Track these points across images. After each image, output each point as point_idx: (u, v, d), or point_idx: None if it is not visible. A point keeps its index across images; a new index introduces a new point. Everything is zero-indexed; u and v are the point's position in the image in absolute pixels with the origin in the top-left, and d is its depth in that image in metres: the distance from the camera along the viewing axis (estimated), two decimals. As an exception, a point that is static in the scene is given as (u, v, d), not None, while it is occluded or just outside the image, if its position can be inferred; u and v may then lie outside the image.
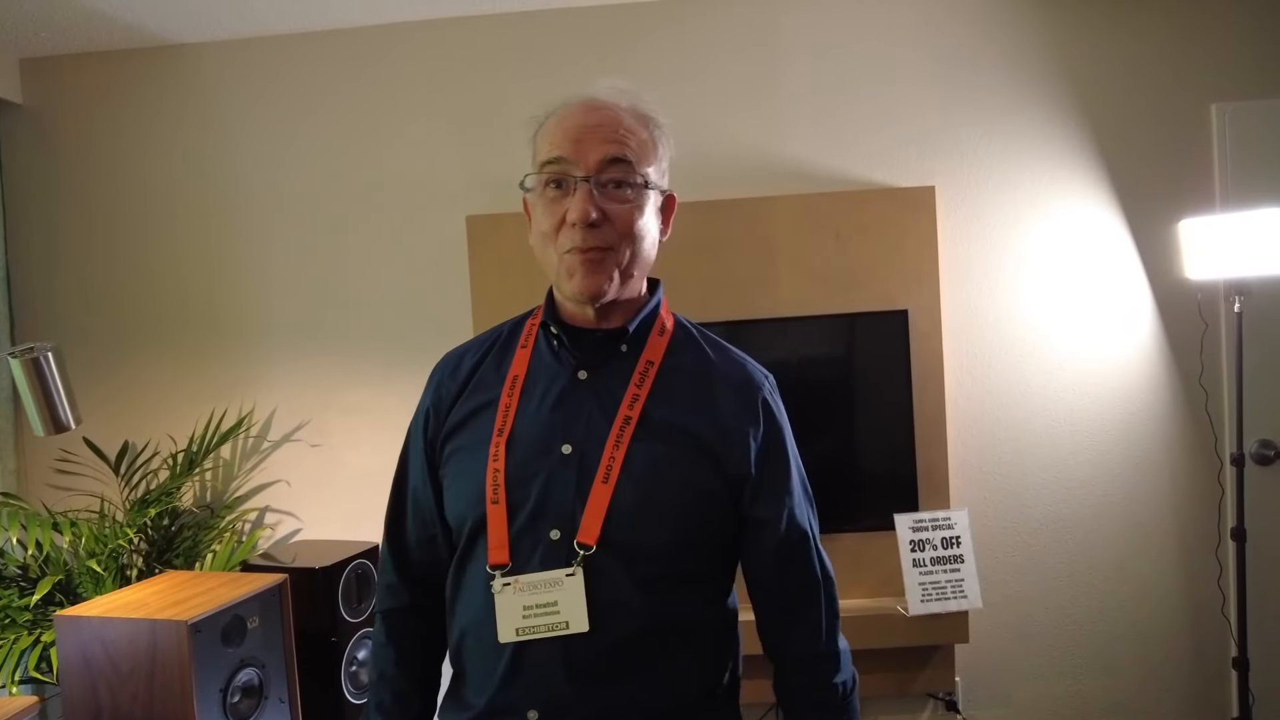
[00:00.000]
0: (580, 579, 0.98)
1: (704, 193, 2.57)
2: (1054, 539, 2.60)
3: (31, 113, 2.84)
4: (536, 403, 1.06)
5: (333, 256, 2.77)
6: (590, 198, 0.99)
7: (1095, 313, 2.59)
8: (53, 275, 2.84)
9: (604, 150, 1.00)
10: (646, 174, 1.03)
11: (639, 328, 1.08)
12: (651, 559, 1.00)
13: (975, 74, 2.60)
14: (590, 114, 1.03)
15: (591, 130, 1.01)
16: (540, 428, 1.04)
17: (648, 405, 1.04)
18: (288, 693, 1.99)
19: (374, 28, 2.73)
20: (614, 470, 1.00)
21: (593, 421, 1.03)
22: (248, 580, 1.97)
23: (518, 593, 0.99)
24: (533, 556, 1.00)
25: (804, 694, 1.09)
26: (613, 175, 1.01)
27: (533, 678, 1.00)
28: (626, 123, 1.04)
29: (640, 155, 1.03)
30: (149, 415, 2.77)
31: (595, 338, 1.07)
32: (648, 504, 1.00)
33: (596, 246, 1.00)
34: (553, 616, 0.98)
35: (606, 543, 0.99)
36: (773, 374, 1.16)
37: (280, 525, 2.80)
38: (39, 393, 1.64)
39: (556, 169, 1.01)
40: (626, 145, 1.02)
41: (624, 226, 1.01)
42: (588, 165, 1.00)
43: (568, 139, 1.01)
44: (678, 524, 1.01)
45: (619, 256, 1.02)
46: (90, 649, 1.76)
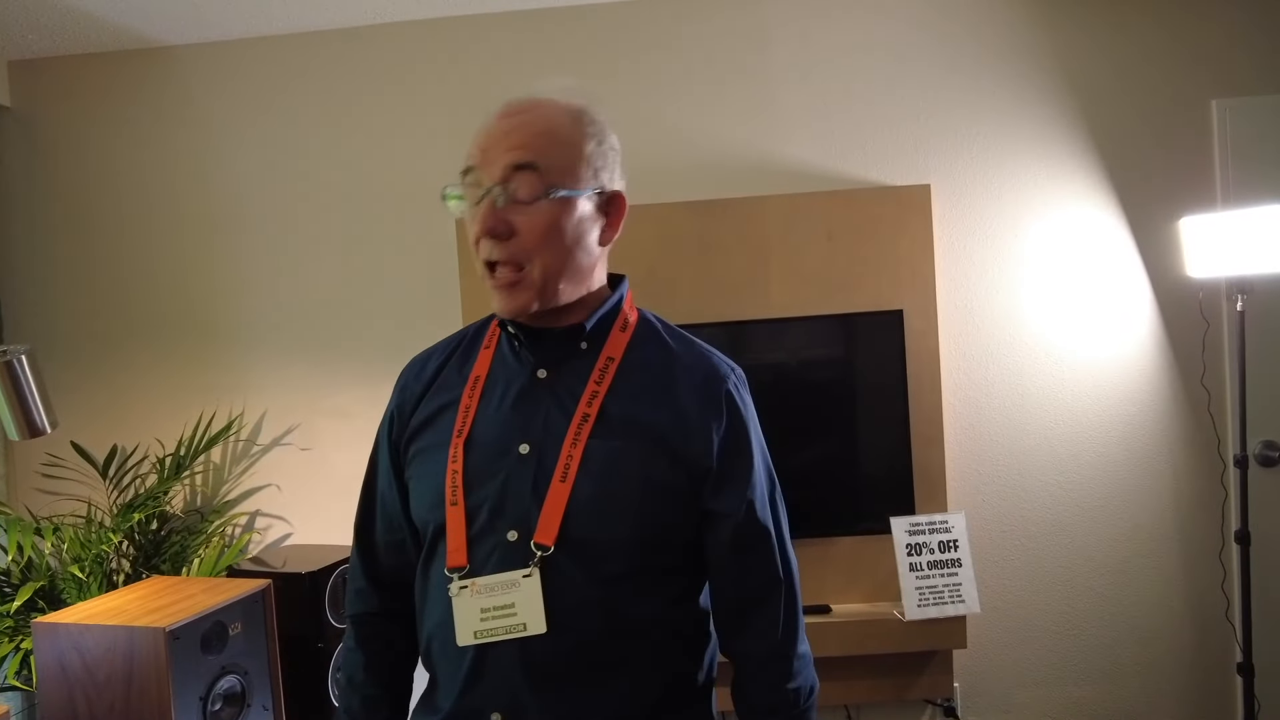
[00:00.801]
0: (536, 580, 0.96)
1: (695, 193, 2.55)
2: (1053, 542, 2.56)
3: (20, 115, 2.83)
4: (496, 403, 1.04)
5: (322, 259, 2.74)
6: (491, 210, 0.95)
7: (1095, 312, 2.55)
8: (41, 278, 2.83)
9: (509, 158, 0.95)
10: (561, 182, 0.96)
11: (598, 324, 1.05)
12: (611, 557, 0.98)
13: (970, 71, 2.57)
14: (504, 120, 0.98)
15: (500, 138, 0.96)
16: (499, 428, 1.02)
17: (607, 402, 1.01)
18: (272, 700, 1.96)
19: (362, 28, 2.71)
20: (571, 468, 0.98)
21: (551, 420, 1.01)
22: (231, 586, 1.94)
23: (475, 595, 0.97)
24: (490, 558, 0.98)
25: (756, 696, 1.06)
26: (517, 184, 0.95)
27: (494, 681, 0.98)
28: (543, 127, 0.97)
29: (555, 161, 0.96)
30: (138, 419, 2.76)
31: (554, 336, 1.04)
32: (606, 501, 0.98)
33: (505, 261, 0.96)
34: (510, 619, 0.96)
35: (565, 542, 0.96)
36: (766, 375, 1.13)
37: (271, 529, 2.77)
38: (12, 396, 1.61)
39: (470, 179, 0.98)
40: (537, 152, 0.95)
41: (533, 238, 0.96)
42: (493, 175, 0.95)
43: (478, 147, 0.97)
44: (638, 521, 0.98)
45: (532, 272, 0.97)
46: (67, 657, 1.73)
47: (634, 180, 1.09)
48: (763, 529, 1.04)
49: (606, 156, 1.02)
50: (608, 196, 1.03)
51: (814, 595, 2.44)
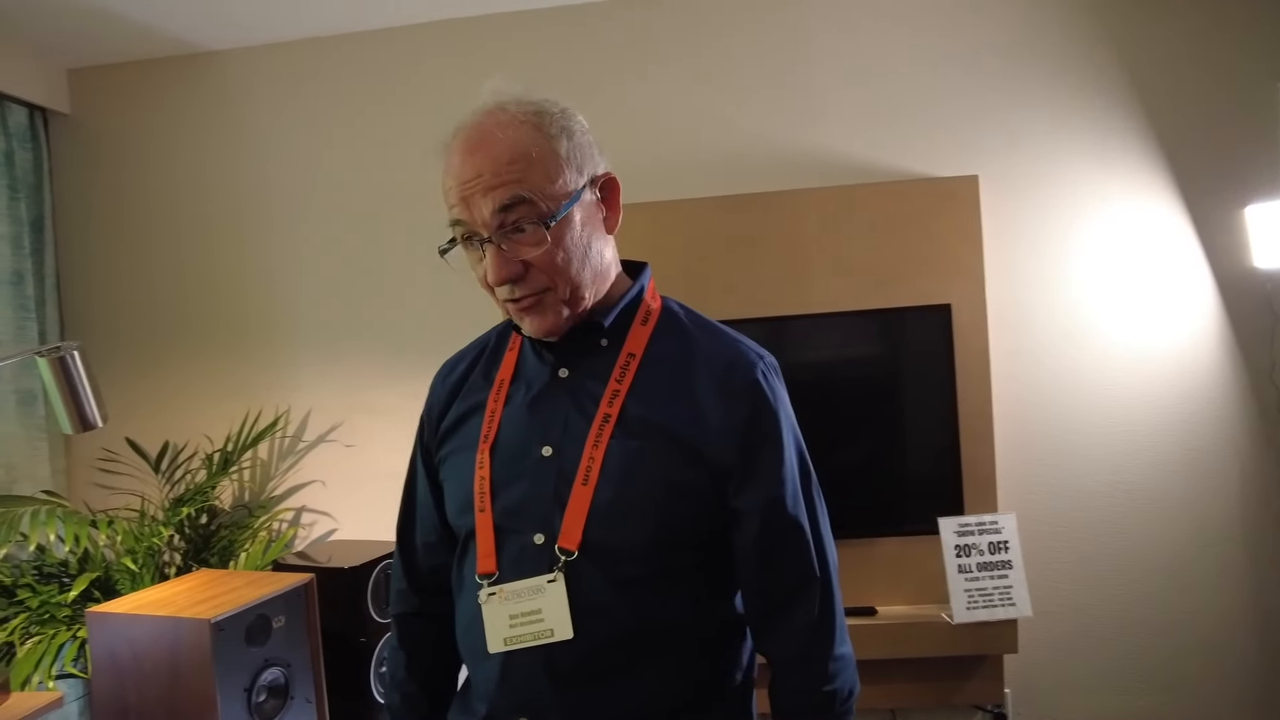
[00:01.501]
0: (561, 585, 0.94)
1: (734, 187, 2.52)
2: (1109, 545, 2.46)
3: (78, 122, 2.92)
4: (519, 405, 1.03)
5: (364, 259, 2.78)
6: (500, 257, 0.93)
7: (1153, 306, 2.45)
8: (99, 279, 2.92)
9: (493, 200, 0.91)
10: (554, 202, 0.93)
11: (617, 320, 1.02)
12: (633, 560, 0.96)
13: (1018, 55, 2.48)
14: (469, 162, 0.93)
15: (472, 184, 0.92)
16: (521, 431, 1.01)
17: (627, 401, 0.98)
18: (314, 693, 1.98)
19: (401, 29, 2.74)
20: (593, 471, 0.96)
21: (571, 421, 0.99)
22: (274, 580, 1.97)
23: (503, 602, 0.96)
24: (517, 563, 0.97)
25: (789, 699, 1.02)
26: (513, 221, 0.92)
27: (518, 684, 0.97)
28: (509, 153, 0.92)
29: (538, 183, 0.92)
30: (188, 416, 2.82)
31: (572, 335, 1.01)
32: (628, 504, 0.95)
33: (529, 294, 0.95)
34: (538, 625, 0.95)
35: (588, 546, 0.95)
36: (808, 372, 1.10)
37: (316, 525, 2.81)
38: (65, 391, 1.66)
39: (462, 230, 0.96)
40: (516, 183, 0.91)
41: (548, 267, 0.94)
42: (485, 224, 0.92)
43: (459, 199, 0.94)
44: (660, 523, 0.96)
45: (557, 294, 0.96)
46: (117, 646, 1.77)
47: (668, 175, 1.07)
48: (794, 523, 1.00)
49: (582, 147, 0.98)
50: (600, 183, 1.00)
51: (859, 597, 2.39)
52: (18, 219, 2.74)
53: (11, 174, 2.73)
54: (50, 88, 2.86)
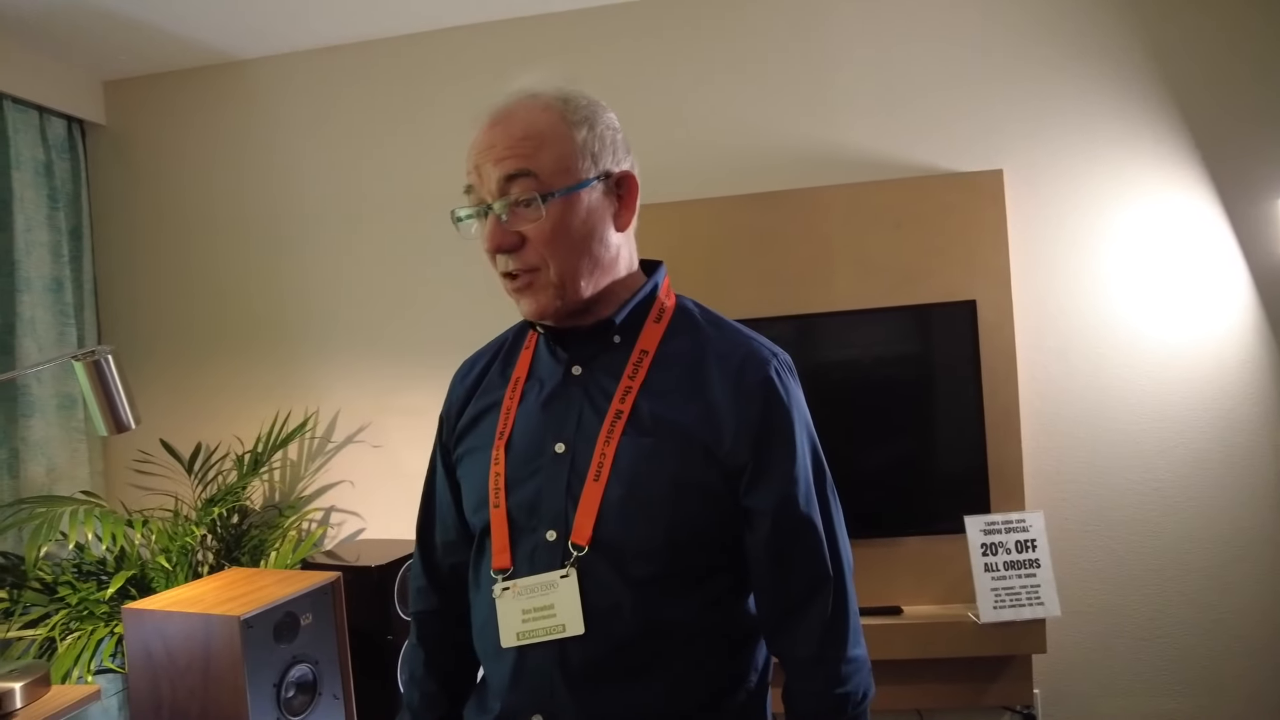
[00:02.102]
0: (574, 581, 0.95)
1: (757, 185, 2.51)
2: (1141, 544, 2.42)
3: (114, 132, 3.00)
4: (533, 403, 1.05)
5: (390, 263, 2.82)
6: (497, 226, 0.96)
7: (1185, 300, 2.39)
8: (135, 285, 2.99)
9: (500, 170, 0.95)
10: (558, 181, 0.95)
11: (629, 317, 1.03)
12: (643, 558, 0.96)
13: (1043, 47, 2.44)
14: (489, 131, 0.98)
15: (486, 151, 0.96)
16: (535, 428, 1.03)
17: (640, 397, 0.99)
18: (342, 689, 2.01)
19: (429, 33, 2.77)
20: (605, 468, 0.96)
21: (584, 418, 1.00)
22: (301, 578, 2.00)
23: (516, 597, 0.97)
24: (530, 559, 0.99)
25: (802, 701, 1.01)
26: (516, 194, 0.95)
27: (533, 682, 0.98)
28: (524, 130, 0.96)
29: (546, 162, 0.95)
30: (220, 417, 2.88)
31: (585, 331, 1.03)
32: (637, 502, 0.96)
33: (521, 270, 0.96)
34: (550, 620, 0.95)
35: (598, 543, 0.95)
36: (832, 369, 1.10)
37: (345, 524, 2.86)
38: (100, 394, 1.70)
39: (473, 197, 0.99)
40: (525, 157, 0.95)
41: (543, 244, 0.95)
42: (490, 191, 0.96)
43: (472, 164, 0.98)
44: (669, 523, 0.96)
45: (548, 274, 0.96)
46: (152, 642, 1.82)
47: (690, 173, 1.08)
48: (807, 522, 0.99)
49: (603, 139, 1.00)
50: (615, 179, 1.01)
51: (884, 596, 2.37)
52: (57, 228, 2.82)
53: (51, 184, 2.81)
54: (87, 100, 2.94)
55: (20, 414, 2.63)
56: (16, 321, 2.64)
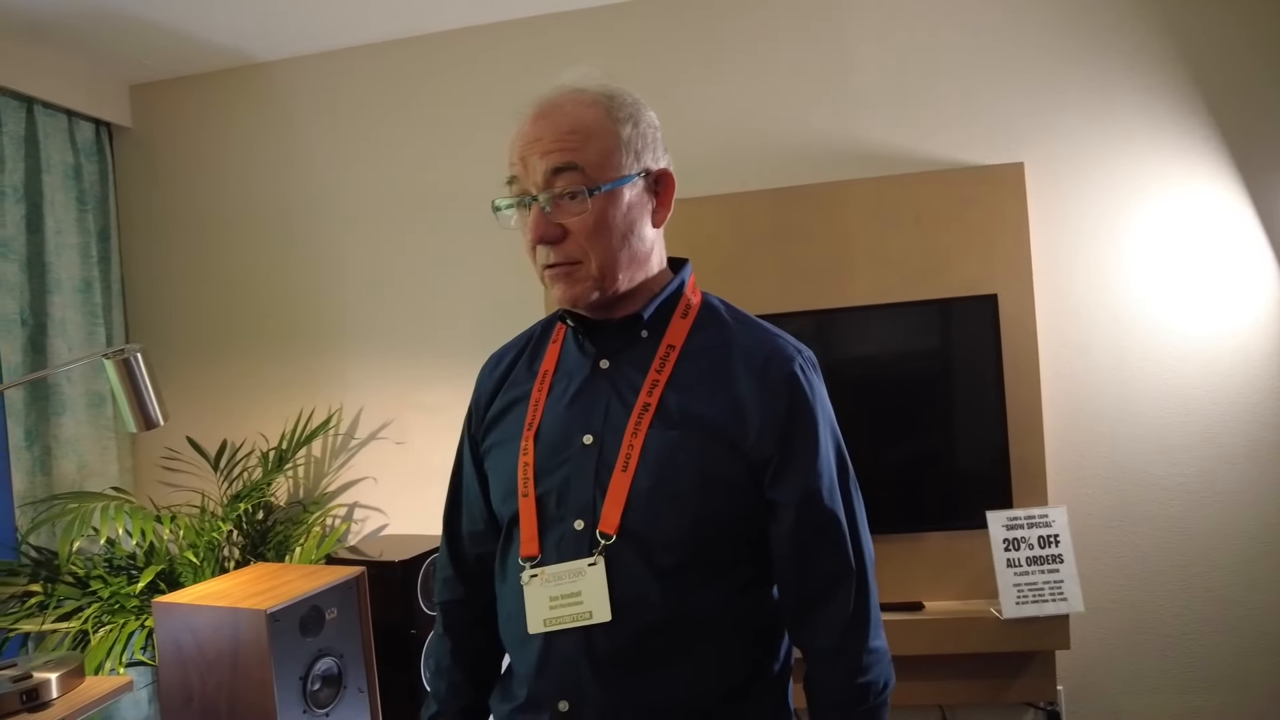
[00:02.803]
0: (601, 568, 0.97)
1: (777, 180, 2.51)
2: (1166, 540, 2.39)
3: (139, 135, 3.04)
4: (561, 395, 1.06)
5: (412, 261, 2.84)
6: (541, 217, 0.97)
7: (1210, 292, 2.36)
8: (161, 285, 3.04)
9: (547, 163, 0.97)
10: (603, 175, 0.97)
11: (657, 312, 1.05)
12: (668, 549, 0.98)
13: (1063, 38, 2.42)
14: (535, 124, 0.99)
15: (533, 144, 0.98)
16: (563, 419, 1.04)
17: (666, 391, 1.01)
18: (366, 682, 2.04)
19: (443, 34, 2.79)
20: (632, 459, 0.98)
21: (612, 410, 1.02)
22: (326, 573, 2.03)
23: (544, 584, 0.99)
24: (558, 548, 1.00)
25: (825, 693, 1.03)
26: (561, 186, 0.97)
27: (559, 669, 0.99)
28: (571, 125, 0.98)
29: (592, 156, 0.97)
30: (245, 415, 2.93)
31: (613, 326, 1.05)
32: (664, 493, 0.97)
33: (561, 262, 0.98)
34: (577, 607, 0.97)
35: (625, 532, 0.97)
36: (853, 364, 1.11)
37: (368, 520, 2.89)
38: (129, 392, 1.74)
39: (515, 188, 1.00)
40: (572, 151, 0.97)
41: (585, 237, 0.98)
42: (535, 182, 0.98)
43: (517, 156, 0.99)
44: (695, 513, 0.98)
45: (588, 267, 0.99)
46: (181, 635, 1.85)
47: (707, 170, 1.09)
48: (830, 516, 1.01)
49: (645, 137, 1.02)
50: (654, 176, 1.03)
51: (905, 592, 2.36)
52: (86, 229, 2.87)
53: (80, 186, 2.86)
54: (114, 103, 2.99)
55: (52, 412, 2.69)
56: (48, 322, 2.70)
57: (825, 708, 1.03)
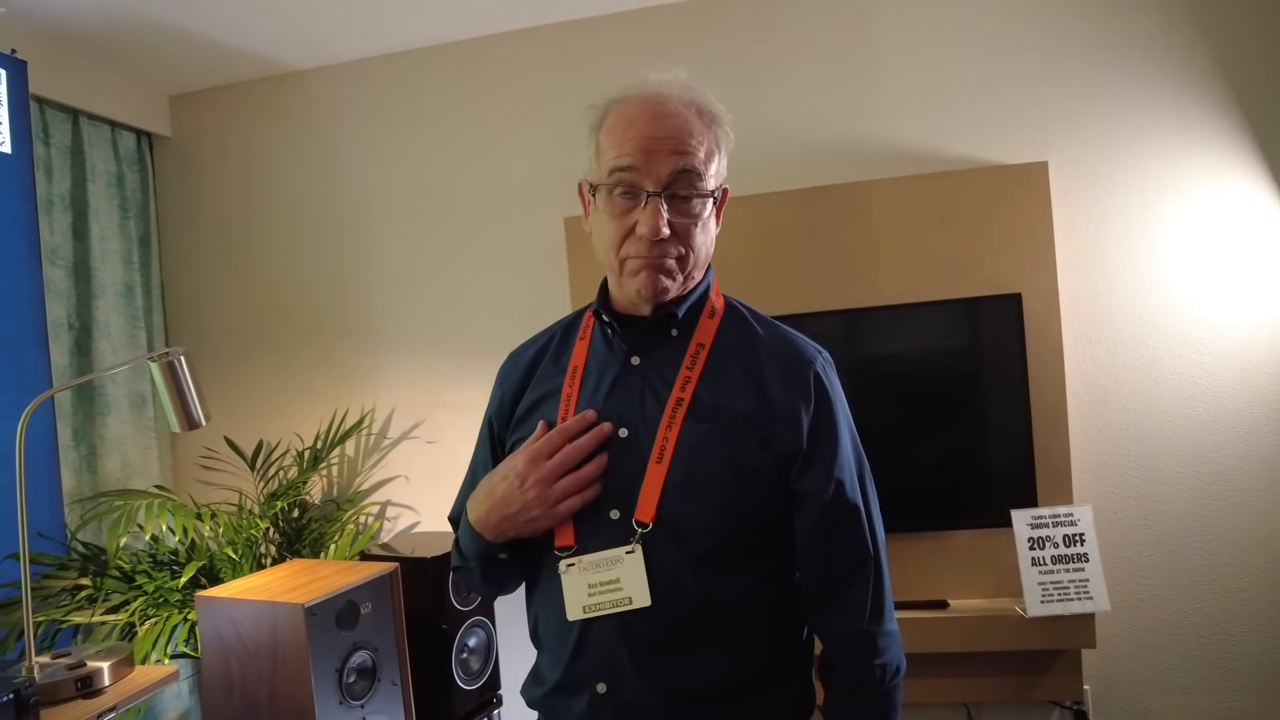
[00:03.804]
0: (639, 555, 1.01)
1: (799, 180, 2.53)
2: (1195, 539, 2.38)
3: (179, 144, 3.14)
4: (592, 390, 1.10)
5: (442, 263, 2.90)
6: (659, 213, 1.01)
7: (1239, 288, 2.34)
8: (199, 289, 3.13)
9: (674, 163, 1.02)
10: (711, 182, 1.05)
11: (688, 311, 1.10)
12: (702, 536, 1.02)
13: (1088, 36, 2.41)
14: (659, 122, 1.03)
15: (661, 142, 1.02)
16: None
17: (698, 387, 1.06)
18: (399, 676, 2.09)
19: (472, 40, 2.85)
20: (667, 450, 1.03)
21: (646, 404, 1.06)
22: (361, 568, 2.08)
23: (582, 572, 1.03)
24: (595, 536, 1.04)
25: (842, 674, 1.08)
26: (681, 189, 1.03)
27: (596, 653, 1.04)
28: (694, 130, 1.04)
29: (705, 163, 1.04)
30: (281, 415, 3.00)
31: (646, 323, 1.10)
32: (698, 482, 1.02)
33: (661, 257, 1.03)
34: (616, 593, 1.01)
35: (661, 521, 1.02)
36: (878, 364, 1.15)
37: (401, 518, 2.95)
38: (173, 393, 1.81)
39: (627, 178, 1.03)
40: (695, 156, 1.03)
41: (689, 238, 1.05)
42: (658, 178, 1.02)
43: (639, 149, 1.02)
44: (727, 502, 1.02)
45: (684, 263, 1.05)
46: (223, 627, 1.92)
47: (734, 171, 1.13)
48: (851, 507, 1.06)
49: (726, 155, 1.10)
50: (722, 191, 1.10)
51: (930, 590, 2.37)
52: (128, 236, 2.97)
53: (122, 195, 2.96)
54: (154, 113, 3.08)
55: (97, 413, 2.78)
56: (93, 325, 2.79)
57: (844, 689, 1.08)
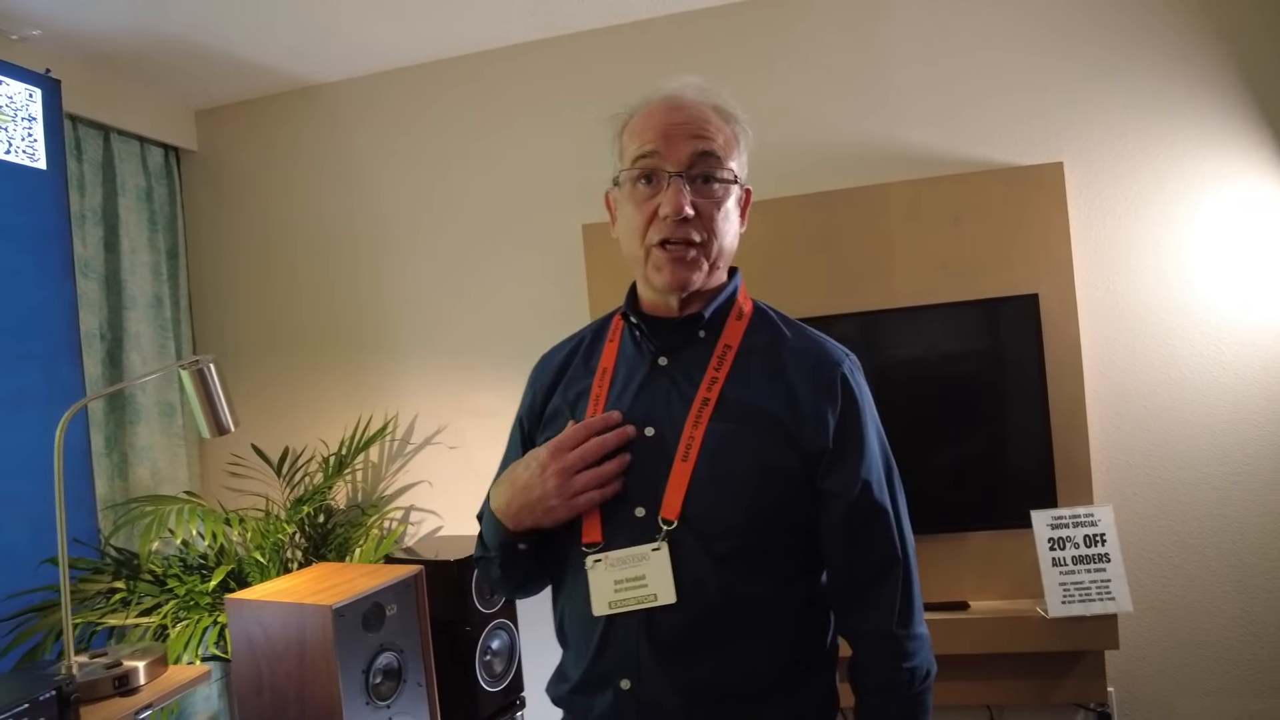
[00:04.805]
0: (665, 552, 1.02)
1: (814, 184, 2.55)
2: (1219, 539, 2.36)
3: (205, 157, 3.21)
4: (620, 390, 1.12)
5: (463, 271, 2.95)
6: (681, 192, 1.04)
7: (1262, 290, 2.33)
8: (225, 299, 3.20)
9: (693, 145, 1.05)
10: (731, 168, 1.08)
11: (715, 313, 1.12)
12: (727, 534, 1.03)
13: (1101, 36, 2.41)
14: (676, 111, 1.07)
15: (679, 126, 1.06)
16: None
17: (725, 387, 1.07)
18: (424, 676, 2.13)
19: (487, 52, 2.90)
20: (693, 449, 1.04)
21: (672, 404, 1.08)
22: (386, 571, 2.12)
23: (608, 568, 1.04)
24: (621, 534, 1.06)
25: (872, 676, 1.08)
26: (702, 169, 1.06)
27: (620, 649, 1.05)
28: (711, 119, 1.08)
29: (726, 150, 1.08)
30: (305, 422, 3.06)
31: (673, 324, 1.12)
32: (723, 481, 1.03)
33: (685, 240, 1.05)
34: (642, 589, 1.02)
35: (686, 519, 1.03)
36: (896, 366, 1.16)
37: (424, 522, 2.99)
38: (203, 399, 1.86)
39: (649, 163, 1.06)
40: (714, 140, 1.06)
41: (711, 220, 1.06)
42: (679, 160, 1.05)
43: (658, 134, 1.05)
44: (754, 500, 1.03)
45: (707, 250, 1.07)
46: (253, 629, 1.96)
47: (750, 176, 1.16)
48: (879, 508, 1.06)
49: (745, 155, 1.13)
50: (744, 191, 1.13)
51: (950, 591, 2.37)
52: (156, 248, 3.04)
53: (151, 208, 3.03)
54: (181, 128, 3.16)
55: (128, 421, 2.85)
56: (124, 336, 2.86)
57: (873, 691, 1.08)
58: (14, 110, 2.34)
